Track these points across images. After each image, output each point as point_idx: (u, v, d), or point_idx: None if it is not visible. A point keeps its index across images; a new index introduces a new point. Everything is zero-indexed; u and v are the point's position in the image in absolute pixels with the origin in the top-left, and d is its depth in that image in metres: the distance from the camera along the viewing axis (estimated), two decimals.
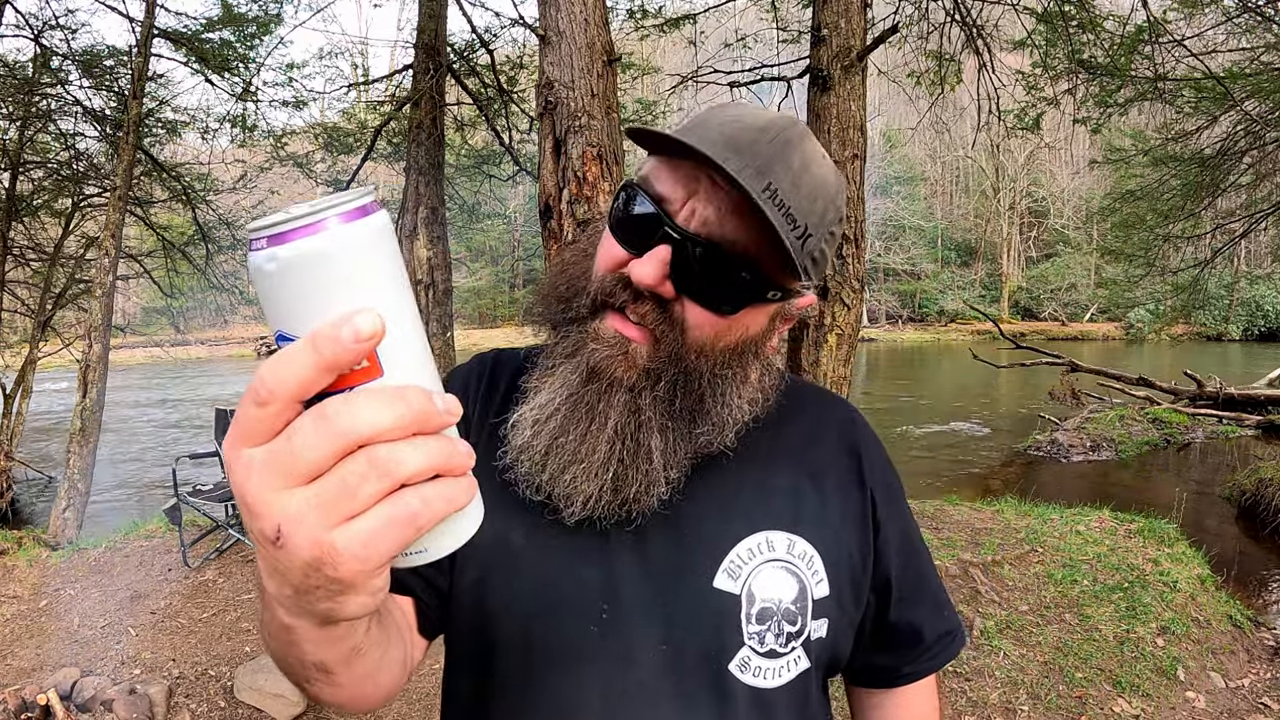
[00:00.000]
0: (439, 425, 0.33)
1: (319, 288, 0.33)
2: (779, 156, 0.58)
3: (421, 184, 5.84)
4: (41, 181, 7.80)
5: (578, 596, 0.64)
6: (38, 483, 8.17)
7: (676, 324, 0.60)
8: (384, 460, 0.31)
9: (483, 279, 36.36)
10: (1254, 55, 6.51)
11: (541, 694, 0.63)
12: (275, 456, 0.32)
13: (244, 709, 2.90)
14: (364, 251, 0.34)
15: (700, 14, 7.33)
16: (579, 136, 3.12)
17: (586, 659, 0.63)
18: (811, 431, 0.75)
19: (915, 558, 0.77)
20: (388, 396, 0.32)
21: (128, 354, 22.16)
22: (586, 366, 0.61)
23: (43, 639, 3.49)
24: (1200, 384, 10.03)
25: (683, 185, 0.59)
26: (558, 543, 0.65)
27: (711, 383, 0.62)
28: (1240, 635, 3.49)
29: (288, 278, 0.33)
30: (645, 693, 0.62)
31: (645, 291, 0.59)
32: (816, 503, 0.70)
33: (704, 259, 0.58)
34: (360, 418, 0.31)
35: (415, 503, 0.32)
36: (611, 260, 0.62)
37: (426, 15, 6.06)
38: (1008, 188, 35.39)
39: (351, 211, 0.34)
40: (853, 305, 3.31)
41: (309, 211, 0.33)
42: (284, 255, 0.33)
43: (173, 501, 4.45)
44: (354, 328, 0.30)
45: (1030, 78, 6.13)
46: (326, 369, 0.31)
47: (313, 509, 0.31)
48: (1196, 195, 7.93)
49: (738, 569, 0.65)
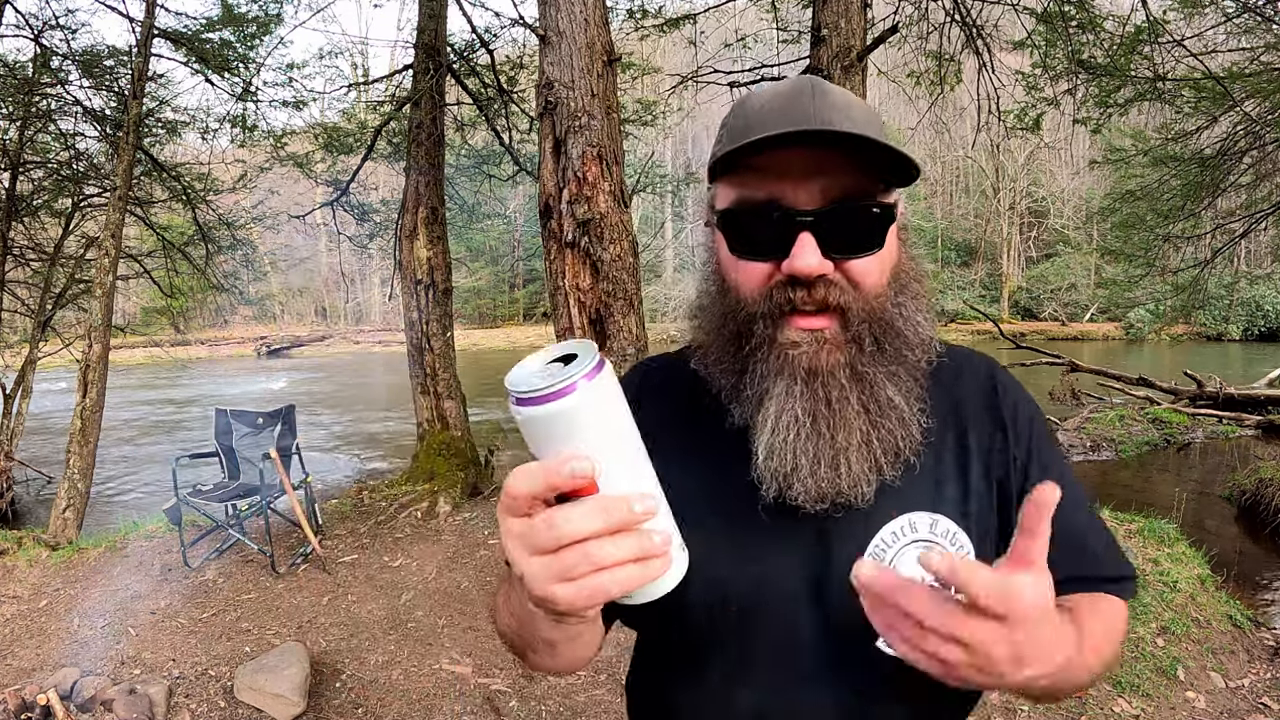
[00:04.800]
0: (635, 525, 0.48)
1: (553, 435, 0.48)
2: (825, 104, 0.63)
3: (421, 184, 5.83)
4: (41, 181, 7.80)
5: (740, 588, 0.70)
6: (38, 483, 8.17)
7: (848, 289, 0.65)
8: (593, 554, 0.47)
9: (483, 279, 36.34)
10: (1254, 55, 6.51)
11: (709, 668, 0.71)
12: (524, 535, 0.48)
13: (244, 709, 2.90)
14: (592, 405, 0.48)
15: (700, 14, 7.33)
16: (579, 136, 3.12)
17: (750, 641, 0.70)
18: (957, 401, 0.74)
19: (1075, 524, 0.70)
20: (596, 509, 0.47)
21: (128, 354, 22.14)
22: (803, 371, 0.65)
23: (43, 639, 3.49)
24: (1200, 384, 10.02)
25: (775, 179, 0.63)
26: (738, 532, 0.70)
27: (897, 313, 0.67)
28: (1240, 635, 3.49)
29: (534, 425, 0.48)
30: (802, 675, 0.69)
31: (810, 281, 0.63)
32: (960, 478, 0.71)
33: (840, 220, 0.63)
34: (575, 526, 0.46)
35: (608, 580, 0.47)
36: (759, 278, 0.66)
37: (426, 15, 6.06)
38: (1008, 188, 35.38)
39: (589, 371, 0.48)
40: None
41: (558, 380, 0.47)
42: (531, 413, 0.48)
43: (173, 501, 4.45)
44: (571, 469, 0.46)
45: (1030, 78, 6.13)
46: (550, 489, 0.47)
47: (543, 570, 0.48)
48: (1196, 195, 7.93)
49: (882, 554, 0.68)
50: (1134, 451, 8.53)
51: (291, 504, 4.40)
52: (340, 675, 3.16)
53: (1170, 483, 7.06)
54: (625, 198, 3.29)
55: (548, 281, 3.46)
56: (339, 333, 35.45)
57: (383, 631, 3.52)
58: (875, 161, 0.63)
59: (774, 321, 0.65)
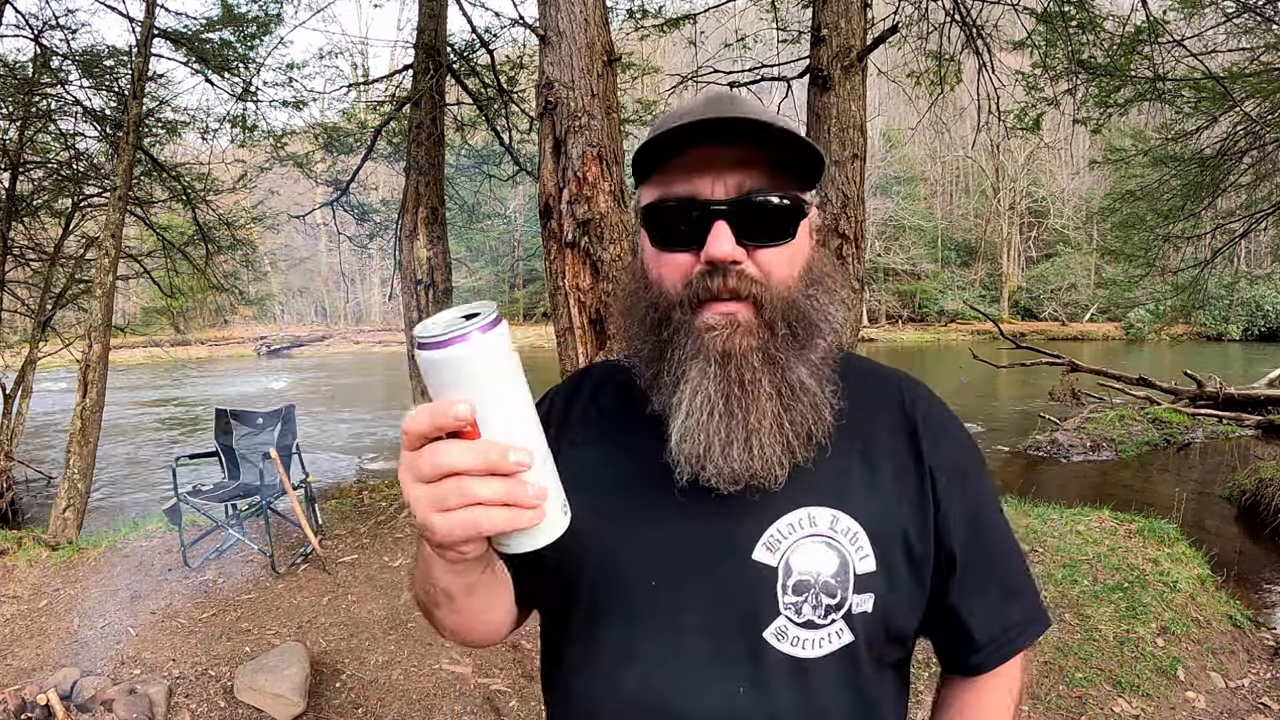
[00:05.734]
0: (508, 471, 0.51)
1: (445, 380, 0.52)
2: (742, 108, 0.67)
3: (421, 184, 5.84)
4: (41, 181, 7.80)
5: (635, 561, 0.71)
6: (38, 483, 8.17)
7: (760, 278, 0.68)
8: (465, 486, 0.51)
9: (483, 279, 36.37)
10: (1254, 55, 6.51)
11: (601, 648, 0.72)
12: (410, 465, 0.52)
13: (244, 709, 2.90)
14: (483, 357, 0.51)
15: (700, 14, 7.33)
16: (579, 136, 3.12)
17: (637, 617, 0.70)
18: (864, 407, 0.75)
19: (982, 540, 0.75)
20: (473, 448, 0.51)
21: (128, 354, 22.14)
22: (717, 353, 0.67)
23: (43, 639, 3.49)
24: (1200, 384, 10.03)
25: (695, 175, 0.68)
26: (626, 511, 0.72)
27: (810, 304, 0.70)
28: (1240, 635, 3.49)
29: (430, 369, 0.52)
30: (688, 653, 0.69)
31: (724, 267, 0.66)
32: (866, 479, 0.71)
33: (753, 210, 0.67)
34: (452, 458, 0.50)
35: (480, 516, 0.51)
36: (679, 268, 0.69)
37: (426, 15, 6.06)
38: (1008, 188, 35.38)
39: (484, 325, 0.51)
40: (852, 305, 3.31)
41: (455, 328, 0.51)
42: (428, 356, 0.51)
43: (173, 501, 4.45)
44: (455, 411, 0.50)
45: (1030, 78, 6.13)
46: (436, 428, 0.51)
47: (424, 498, 0.52)
48: (1196, 195, 7.93)
49: (777, 543, 0.68)
50: (1134, 451, 8.53)
51: (291, 504, 4.40)
52: (340, 675, 3.16)
53: (1170, 483, 7.06)
54: (625, 198, 3.29)
55: (548, 281, 3.46)
56: (339, 333, 35.47)
57: (383, 631, 3.52)
58: (788, 161, 0.67)
59: (692, 308, 0.68)
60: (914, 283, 35.17)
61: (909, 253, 34.76)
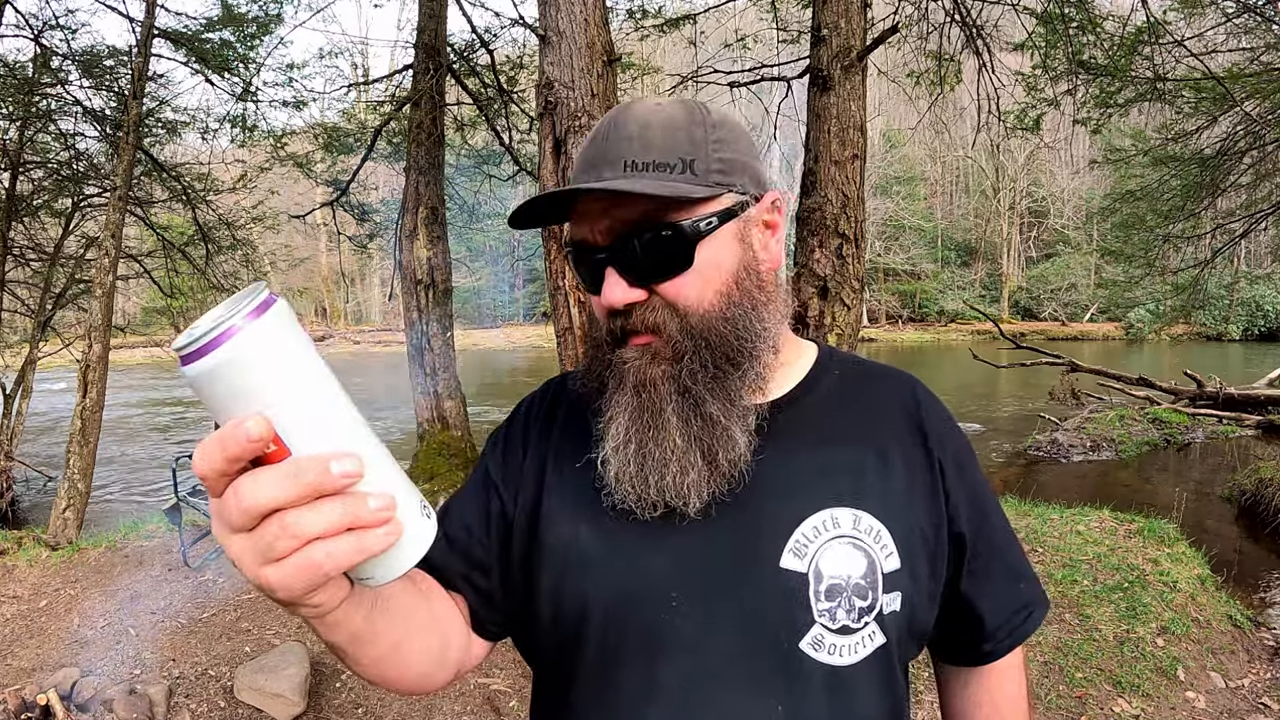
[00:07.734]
0: (336, 488, 0.41)
1: (223, 395, 0.41)
2: (616, 139, 0.67)
3: (421, 184, 5.83)
4: (41, 181, 7.80)
5: (647, 588, 0.67)
6: (38, 483, 8.17)
7: (667, 309, 0.67)
8: (291, 525, 0.40)
9: (483, 279, 36.34)
10: (1254, 55, 6.51)
11: (619, 687, 0.67)
12: (219, 514, 0.42)
13: (244, 709, 2.90)
14: (262, 351, 0.40)
15: (700, 14, 7.34)
16: (579, 136, 3.12)
17: (658, 648, 0.66)
18: (873, 407, 0.76)
19: (986, 525, 0.76)
20: (284, 473, 0.40)
21: (128, 354, 22.13)
22: (631, 384, 0.67)
23: (43, 639, 3.49)
24: (1200, 384, 10.03)
25: (583, 222, 0.68)
26: (628, 539, 0.69)
27: (727, 326, 0.67)
28: (1240, 635, 3.49)
29: (203, 387, 0.41)
30: (718, 677, 0.65)
31: (627, 308, 0.67)
32: (882, 477, 0.71)
33: (634, 252, 0.66)
34: (261, 494, 0.40)
35: (320, 555, 0.41)
36: (601, 307, 0.70)
37: (426, 15, 6.06)
38: (1008, 188, 35.38)
39: (252, 311, 0.40)
40: (852, 305, 3.31)
41: (215, 324, 0.39)
42: (195, 370, 0.40)
43: (173, 501, 4.45)
44: (245, 432, 0.39)
45: (1030, 78, 6.13)
46: (233, 461, 0.40)
47: (247, 552, 0.42)
48: (1196, 195, 7.93)
49: (804, 547, 0.67)
50: (1134, 451, 8.53)
51: None
52: (340, 675, 3.16)
53: (1170, 483, 7.06)
54: None
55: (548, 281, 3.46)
56: (339, 333, 35.45)
57: None
58: (677, 184, 0.65)
59: (613, 345, 0.70)
60: (914, 283, 35.16)
61: (909, 253, 34.75)
